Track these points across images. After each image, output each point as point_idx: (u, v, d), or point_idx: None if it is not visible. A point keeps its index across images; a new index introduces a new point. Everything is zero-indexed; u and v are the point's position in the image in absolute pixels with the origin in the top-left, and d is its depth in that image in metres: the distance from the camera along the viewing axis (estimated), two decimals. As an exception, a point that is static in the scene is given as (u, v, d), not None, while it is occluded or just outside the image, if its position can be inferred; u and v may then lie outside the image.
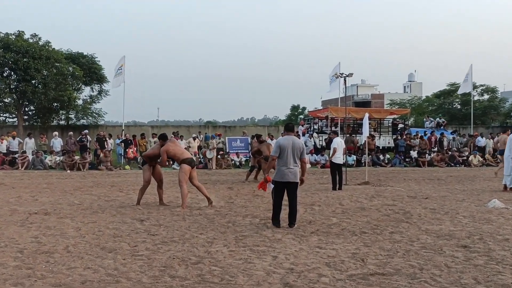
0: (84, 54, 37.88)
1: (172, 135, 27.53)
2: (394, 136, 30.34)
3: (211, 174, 21.66)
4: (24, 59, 30.78)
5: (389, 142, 30.37)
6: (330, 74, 30.26)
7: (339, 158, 15.38)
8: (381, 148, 29.28)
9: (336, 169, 15.31)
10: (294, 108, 72.34)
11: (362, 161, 26.47)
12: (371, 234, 8.30)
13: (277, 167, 9.00)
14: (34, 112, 34.81)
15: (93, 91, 39.58)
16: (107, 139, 26.75)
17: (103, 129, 34.91)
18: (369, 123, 24.22)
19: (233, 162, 25.99)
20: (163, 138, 11.63)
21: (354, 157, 26.66)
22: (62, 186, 16.01)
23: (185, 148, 25.90)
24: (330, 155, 15.59)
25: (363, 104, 64.40)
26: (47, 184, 16.81)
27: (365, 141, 20.70)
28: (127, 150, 25.59)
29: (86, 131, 27.78)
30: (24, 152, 24.54)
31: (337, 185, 15.22)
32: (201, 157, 25.96)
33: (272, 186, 9.07)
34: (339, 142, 15.43)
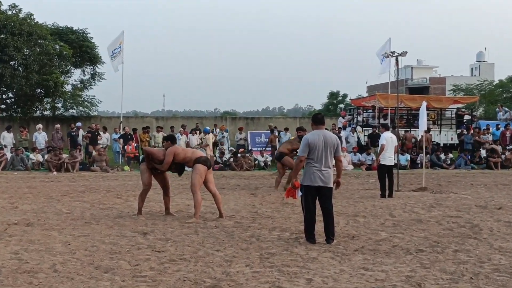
0: (74, 29, 38.34)
1: (181, 129, 27.93)
2: (459, 131, 30.04)
3: (229, 177, 21.72)
4: (1, 36, 31.23)
5: (452, 138, 30.10)
6: (379, 53, 30.08)
7: (389, 158, 15.28)
8: (442, 145, 29.01)
9: (385, 172, 15.22)
10: (333, 95, 72.18)
11: (418, 162, 26.26)
12: (429, 253, 8.23)
13: (305, 168, 9.00)
14: (13, 100, 35.34)
15: (84, 75, 40.19)
16: (101, 133, 26.94)
17: (96, 121, 35.31)
18: (427, 114, 24.04)
19: (256, 162, 26.03)
20: (171, 140, 11.61)
21: (407, 156, 26.47)
22: (47, 191, 16.20)
23: (197, 145, 26.18)
24: (378, 154, 15.49)
25: (420, 90, 63.88)
26: (29, 188, 17.03)
27: (421, 136, 20.53)
28: (126, 147, 25.81)
29: (79, 123, 28.05)
30: (1, 148, 24.91)
31: (387, 192, 15.13)
32: (218, 156, 26.05)
33: (301, 193, 9.06)
34: (389, 138, 15.31)
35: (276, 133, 28.57)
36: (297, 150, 17.00)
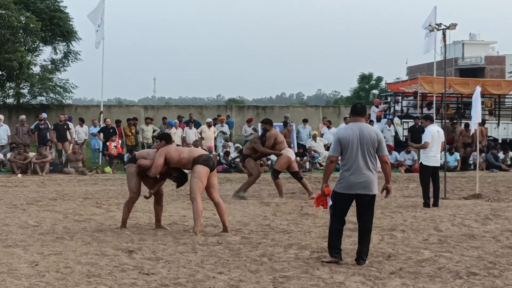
0: (43, -3, 38.39)
1: (177, 121, 27.99)
2: (522, 123, 29.98)
3: (235, 181, 21.73)
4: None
5: (514, 133, 29.99)
6: (423, 26, 30.00)
7: (434, 158, 15.23)
8: (500, 141, 28.91)
9: (429, 175, 15.19)
10: (364, 78, 72.07)
11: (471, 162, 26.18)
12: (484, 277, 8.22)
13: (341, 171, 9.01)
14: (-32, 84, 35.45)
15: (56, 53, 40.16)
16: (72, 126, 26.90)
17: (71, 111, 35.41)
18: (482, 102, 23.93)
19: (269, 162, 26.03)
20: (166, 139, 11.50)
21: (457, 155, 26.40)
22: (9, 198, 16.28)
23: (195, 142, 26.24)
24: (418, 151, 15.49)
25: (473, 72, 63.69)
26: (-12, 194, 17.12)
27: (475, 130, 20.48)
28: (107, 143, 25.87)
29: (44, 114, 28.08)
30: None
31: (431, 200, 15.10)
32: (222, 155, 26.08)
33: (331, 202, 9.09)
34: (435, 133, 15.25)
35: (293, 126, 28.55)
36: (260, 150, 16.98)
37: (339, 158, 9.05)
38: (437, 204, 15.09)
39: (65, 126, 26.37)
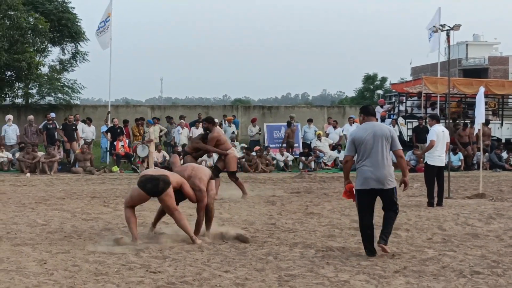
0: (52, -2, 38.46)
1: (182, 120, 28.03)
2: (526, 123, 29.92)
3: (241, 180, 21.66)
4: (-37, 6, 31.35)
5: (517, 133, 29.92)
6: (428, 27, 29.96)
7: (439, 158, 15.23)
8: (504, 141, 28.85)
9: (434, 175, 15.19)
10: (369, 79, 72.05)
11: (474, 162, 26.13)
12: (488, 276, 8.20)
13: (357, 169, 9.38)
14: (-23, 85, 35.52)
15: (64, 54, 40.24)
16: (81, 126, 26.94)
17: (79, 111, 35.41)
18: (486, 103, 23.89)
19: (275, 162, 26.05)
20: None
21: (460, 155, 26.36)
22: (18, 197, 16.32)
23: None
24: (423, 152, 15.49)
25: (476, 72, 63.58)
26: (-3, 193, 17.16)
27: (479, 130, 20.44)
28: (115, 142, 25.88)
29: (53, 114, 28.14)
30: (-37, 145, 25.10)
31: (435, 199, 15.10)
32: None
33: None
34: (440, 133, 15.24)
35: (297, 126, 28.57)
36: (201, 149, 16.69)
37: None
38: (441, 203, 15.08)
39: (73, 127, 26.39)
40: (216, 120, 27.93)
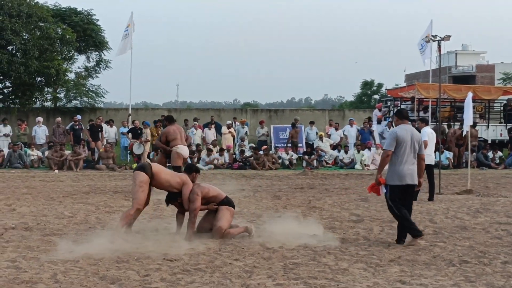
0: (78, 10, 38.55)
1: (196, 122, 28.06)
2: (509, 126, 29.77)
3: (250, 177, 21.73)
4: (-2, 18, 31.42)
5: (501, 134, 29.79)
6: (420, 38, 29.89)
7: (429, 156, 15.18)
8: (490, 142, 28.77)
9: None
10: (366, 85, 71.90)
11: (463, 161, 26.07)
12: (475, 264, 8.19)
13: (390, 166, 9.55)
14: (10, 89, 35.60)
15: (89, 61, 40.35)
16: (105, 127, 26.98)
17: (102, 113, 35.50)
18: (473, 107, 23.84)
19: (281, 160, 26.04)
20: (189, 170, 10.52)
21: (448, 154, 26.27)
22: (47, 191, 16.36)
23: (213, 142, 26.22)
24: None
25: (465, 79, 63.39)
26: (28, 188, 17.22)
27: (467, 132, 20.39)
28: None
29: (79, 116, 28.23)
30: (-3, 144, 25.19)
31: (427, 195, 15.12)
32: (238, 153, 26.10)
33: (385, 190, 9.56)
34: (429, 134, 15.28)
35: (301, 128, 28.57)
36: (158, 146, 16.37)
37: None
38: (432, 198, 15.09)
39: (99, 128, 26.51)
40: (229, 122, 28.19)
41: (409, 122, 9.98)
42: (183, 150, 15.58)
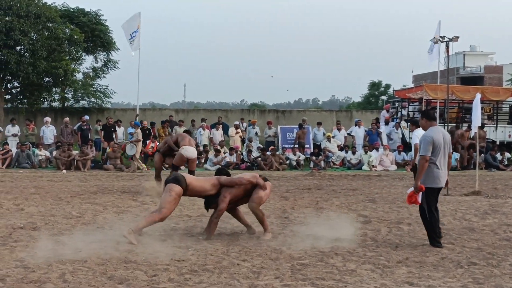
0: (86, 10, 38.62)
1: (204, 123, 28.09)
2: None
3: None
4: (6, 18, 31.54)
5: (510, 135, 29.77)
6: (429, 39, 29.86)
7: None
8: (498, 143, 28.73)
9: None
10: (374, 85, 71.71)
11: (471, 162, 26.03)
12: (483, 266, 8.18)
13: (429, 168, 9.50)
14: (19, 90, 35.70)
15: (97, 62, 40.42)
16: (116, 128, 27.03)
17: (110, 113, 35.55)
18: (482, 108, 23.81)
19: (288, 161, 26.04)
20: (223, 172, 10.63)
21: (456, 155, 26.21)
22: (55, 191, 16.40)
23: (221, 142, 26.25)
24: (414, 156, 15.78)
25: (473, 80, 63.22)
26: (36, 188, 17.26)
27: (475, 133, 20.37)
28: (147, 143, 25.87)
29: (86, 116, 28.32)
30: (6, 144, 25.25)
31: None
32: (245, 154, 26.11)
33: (421, 195, 9.50)
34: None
35: (308, 129, 28.54)
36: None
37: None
38: None
39: (112, 128, 26.59)
40: (237, 122, 28.22)
41: (436, 123, 9.97)
42: (188, 150, 15.98)
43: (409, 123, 18.47)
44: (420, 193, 9.47)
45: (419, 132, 15.53)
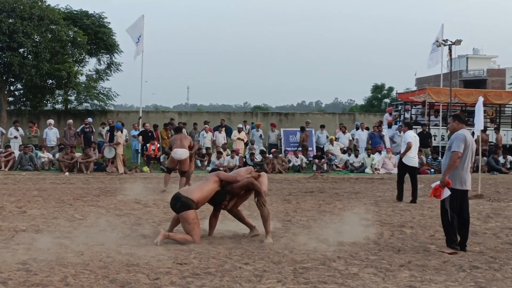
0: (89, 13, 38.67)
1: (207, 125, 28.10)
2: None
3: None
4: (9, 20, 31.59)
5: (512, 139, 29.71)
6: (431, 42, 29.85)
7: (412, 159, 16.06)
8: (501, 147, 28.69)
9: (405, 173, 16.03)
10: (377, 88, 71.77)
11: (474, 165, 26.02)
12: (485, 270, 8.17)
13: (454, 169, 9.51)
14: (22, 92, 35.77)
15: (100, 64, 40.47)
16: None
17: (113, 116, 35.63)
18: (484, 111, 23.76)
19: (291, 164, 26.02)
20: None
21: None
22: (58, 194, 16.40)
23: (223, 145, 26.26)
24: (403, 154, 15.95)
25: (476, 83, 63.23)
26: (39, 190, 17.27)
27: (478, 136, 20.35)
28: (148, 145, 25.90)
29: (90, 119, 28.33)
30: (8, 146, 25.27)
31: (409, 196, 15.72)
32: (248, 158, 26.09)
33: (448, 193, 9.43)
34: (413, 138, 16.22)
35: (311, 132, 28.53)
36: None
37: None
38: (415, 201, 15.53)
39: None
40: (240, 125, 28.28)
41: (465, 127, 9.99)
42: (177, 153, 16.91)
43: (402, 124, 18.58)
44: (446, 189, 9.42)
45: (409, 134, 15.90)
